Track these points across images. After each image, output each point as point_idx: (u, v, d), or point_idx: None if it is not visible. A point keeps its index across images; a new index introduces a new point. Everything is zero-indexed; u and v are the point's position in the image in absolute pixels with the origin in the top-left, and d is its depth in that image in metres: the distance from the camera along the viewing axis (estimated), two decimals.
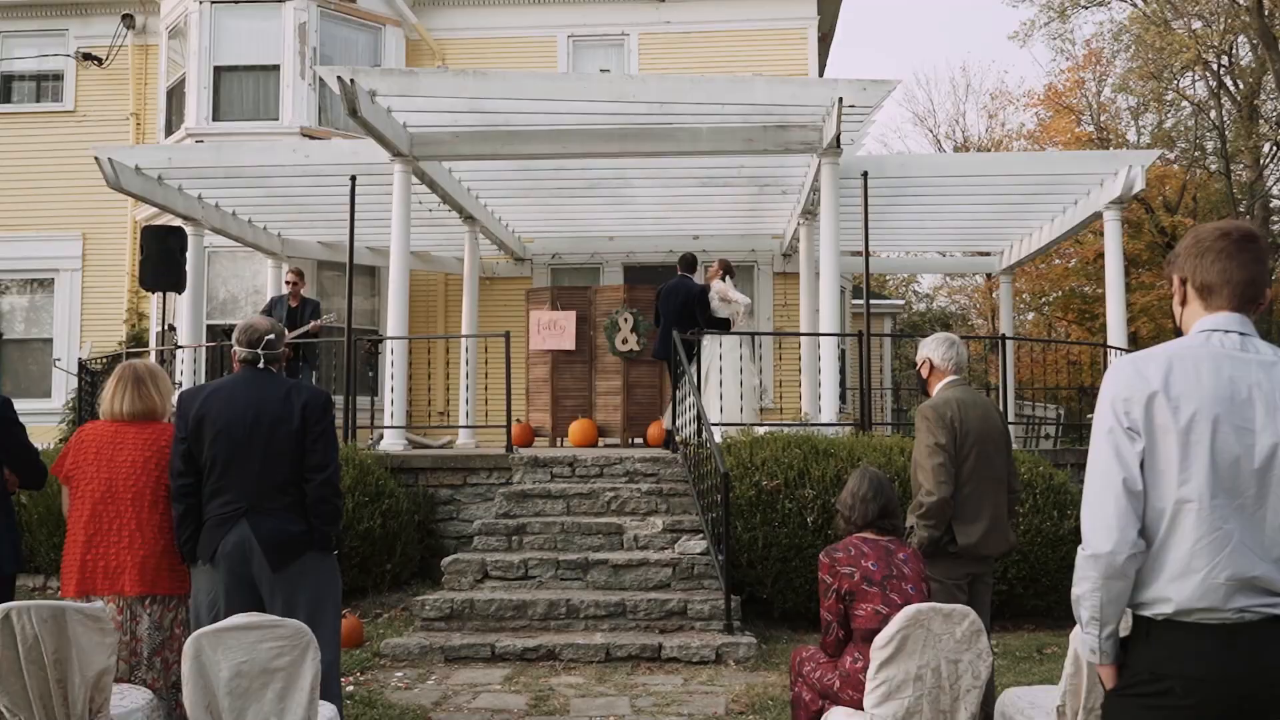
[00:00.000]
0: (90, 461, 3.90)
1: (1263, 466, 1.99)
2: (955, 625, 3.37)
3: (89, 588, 3.83)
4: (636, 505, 7.48)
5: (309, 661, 3.23)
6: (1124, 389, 2.07)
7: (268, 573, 3.88)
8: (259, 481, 3.92)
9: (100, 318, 14.57)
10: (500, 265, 14.21)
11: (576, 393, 11.19)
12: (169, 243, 10.24)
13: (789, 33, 14.53)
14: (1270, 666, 1.99)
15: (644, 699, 5.28)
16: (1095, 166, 10.65)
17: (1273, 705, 1.99)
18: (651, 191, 11.55)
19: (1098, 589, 2.06)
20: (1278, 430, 2.00)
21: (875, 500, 3.91)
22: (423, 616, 6.46)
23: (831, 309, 9.19)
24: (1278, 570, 2.00)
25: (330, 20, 13.62)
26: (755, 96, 8.67)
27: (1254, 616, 1.99)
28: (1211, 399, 2.01)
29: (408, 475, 8.27)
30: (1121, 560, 2.03)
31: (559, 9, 14.55)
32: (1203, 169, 25.85)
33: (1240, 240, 2.12)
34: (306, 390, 4.09)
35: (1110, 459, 2.05)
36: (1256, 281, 2.11)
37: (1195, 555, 1.99)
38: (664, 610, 6.35)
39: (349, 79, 8.14)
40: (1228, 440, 1.99)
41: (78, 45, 14.80)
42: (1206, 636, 2.00)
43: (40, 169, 14.58)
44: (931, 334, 4.77)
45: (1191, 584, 2.00)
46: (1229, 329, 2.09)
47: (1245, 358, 2.05)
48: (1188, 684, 2.01)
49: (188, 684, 3.15)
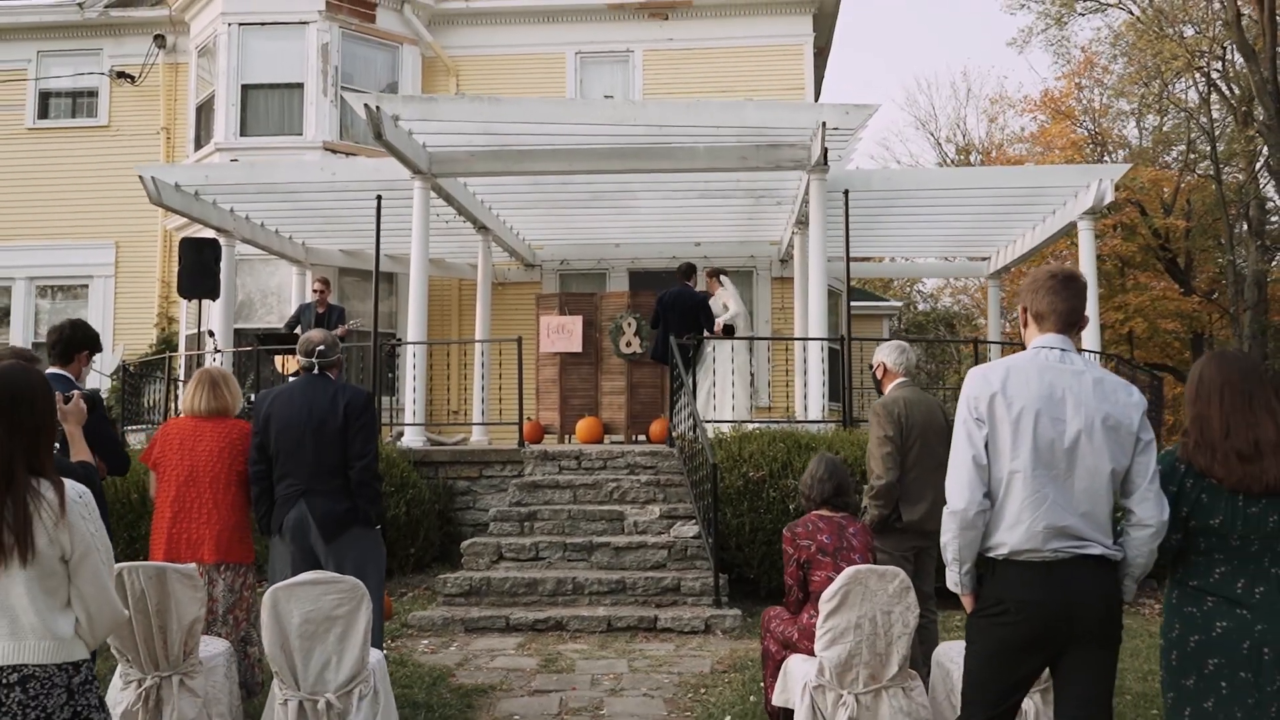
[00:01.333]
0: (174, 451, 4.68)
1: (1070, 447, 2.74)
2: (888, 583, 4.12)
3: (174, 555, 4.59)
4: (636, 494, 8.24)
5: (363, 611, 4.00)
6: (974, 390, 2.82)
7: (322, 543, 4.67)
8: (313, 468, 4.70)
9: (132, 321, 15.37)
10: (511, 271, 14.96)
11: (583, 392, 11.92)
12: (204, 253, 11.04)
13: (786, 49, 15.23)
14: (1075, 591, 2.74)
15: (640, 661, 6.04)
16: (1069, 179, 11.35)
17: (1076, 619, 2.74)
18: (654, 202, 12.29)
19: (956, 537, 2.82)
20: (1081, 421, 2.74)
21: (830, 480, 4.66)
22: (444, 593, 7.24)
23: (818, 314, 9.93)
24: (1082, 522, 2.74)
25: (351, 40, 14.40)
26: (746, 119, 9.41)
27: (1065, 555, 2.74)
28: (1035, 398, 2.76)
29: (428, 468, 9.05)
30: (972, 515, 2.78)
31: (567, 27, 15.29)
32: (1196, 174, 26.42)
33: (1064, 280, 2.87)
34: (350, 391, 4.86)
35: (964, 441, 2.80)
36: (1075, 311, 2.86)
37: (1022, 511, 2.74)
38: (660, 587, 7.11)
39: (375, 106, 8.91)
40: (1046, 428, 2.74)
41: (112, 64, 15.61)
42: (1031, 571, 2.76)
43: (76, 181, 15.41)
44: (894, 339, 5.49)
45: (1020, 532, 2.75)
46: (1052, 346, 2.84)
47: (1062, 368, 2.80)
48: (1019, 605, 2.77)
49: (266, 629, 3.93)
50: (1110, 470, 2.74)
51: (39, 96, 15.91)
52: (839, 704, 4.11)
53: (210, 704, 4.16)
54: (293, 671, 3.95)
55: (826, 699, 4.15)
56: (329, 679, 3.96)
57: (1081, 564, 2.74)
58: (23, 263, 15.50)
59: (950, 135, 35.10)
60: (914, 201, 11.73)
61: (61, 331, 4.52)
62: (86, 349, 4.62)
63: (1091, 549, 2.74)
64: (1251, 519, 2.78)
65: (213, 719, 4.16)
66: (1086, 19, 30.21)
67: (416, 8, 14.72)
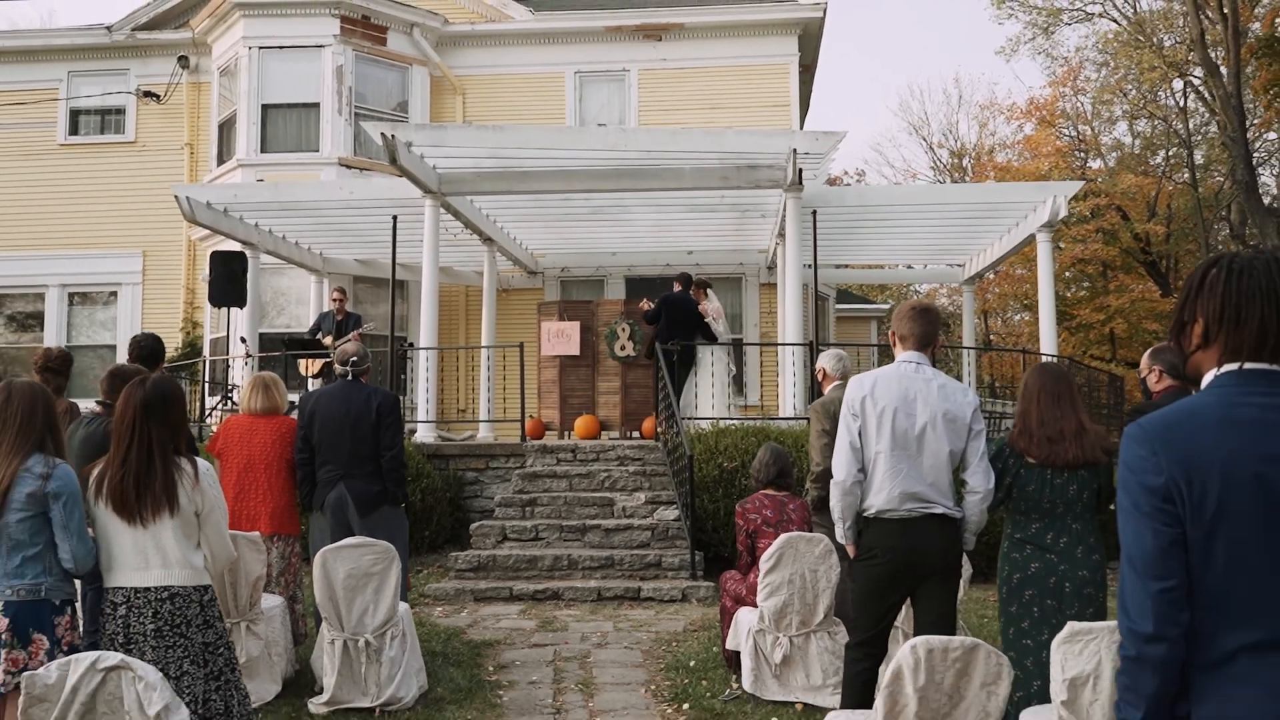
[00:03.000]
0: (236, 443, 5.69)
1: (919, 434, 3.73)
2: (814, 547, 5.12)
3: (236, 529, 5.59)
4: (625, 483, 9.24)
5: (394, 570, 5.01)
6: (851, 393, 3.81)
7: (357, 519, 5.67)
8: (350, 456, 5.70)
9: (159, 326, 16.25)
10: (515, 278, 15.95)
11: (581, 392, 12.91)
12: (233, 265, 12.05)
13: (773, 67, 16.20)
14: (925, 540, 3.73)
15: (624, 623, 7.04)
16: (1027, 196, 12.33)
17: (926, 560, 3.74)
18: (647, 216, 13.27)
19: (839, 501, 3.81)
20: (928, 415, 3.74)
21: (774, 466, 5.66)
22: (456, 569, 8.24)
23: (795, 319, 10.90)
24: (929, 489, 3.74)
25: (364, 62, 15.41)
26: (726, 145, 10.40)
27: (917, 513, 3.74)
28: (894, 399, 3.75)
29: (440, 461, 10.05)
30: (849, 484, 3.78)
31: (566, 48, 16.28)
32: (1176, 182, 27.33)
33: (921, 311, 3.86)
34: (381, 394, 5.86)
35: (844, 431, 3.80)
36: (928, 335, 3.85)
37: (884, 481, 3.74)
38: (643, 563, 8.11)
39: (390, 135, 9.91)
40: (901, 420, 3.74)
41: (138, 83, 16.63)
42: (893, 525, 3.75)
43: (105, 194, 16.44)
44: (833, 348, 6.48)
45: (883, 496, 3.75)
46: (910, 361, 3.83)
47: (916, 376, 3.79)
48: (884, 552, 3.77)
49: (317, 582, 4.93)
50: (949, 451, 3.74)
51: (70, 114, 16.92)
52: (776, 644, 5.12)
53: (270, 645, 5.16)
54: (339, 617, 4.96)
55: (766, 640, 5.16)
56: (367, 623, 4.97)
57: (929, 520, 3.73)
58: (55, 271, 16.52)
59: (942, 140, 36.07)
60: (887, 215, 12.70)
61: (146, 344, 5.52)
62: (162, 358, 5.63)
63: (936, 509, 3.74)
64: (1056, 488, 3.79)
65: (272, 657, 5.16)
66: (1071, 29, 31.05)
67: (425, 31, 15.71)
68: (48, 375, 5.18)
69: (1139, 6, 26.84)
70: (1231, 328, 1.82)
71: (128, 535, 3.33)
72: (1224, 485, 1.72)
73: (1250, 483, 1.72)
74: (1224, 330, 1.83)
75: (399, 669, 5.00)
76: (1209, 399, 1.82)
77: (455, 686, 5.41)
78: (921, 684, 2.99)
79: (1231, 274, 1.83)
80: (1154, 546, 1.75)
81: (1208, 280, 1.86)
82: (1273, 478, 1.71)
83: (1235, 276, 1.83)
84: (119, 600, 3.34)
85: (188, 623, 3.37)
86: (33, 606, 3.28)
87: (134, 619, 3.32)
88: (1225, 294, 1.82)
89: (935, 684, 3.01)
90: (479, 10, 16.38)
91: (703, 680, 5.52)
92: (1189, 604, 1.74)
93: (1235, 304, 1.81)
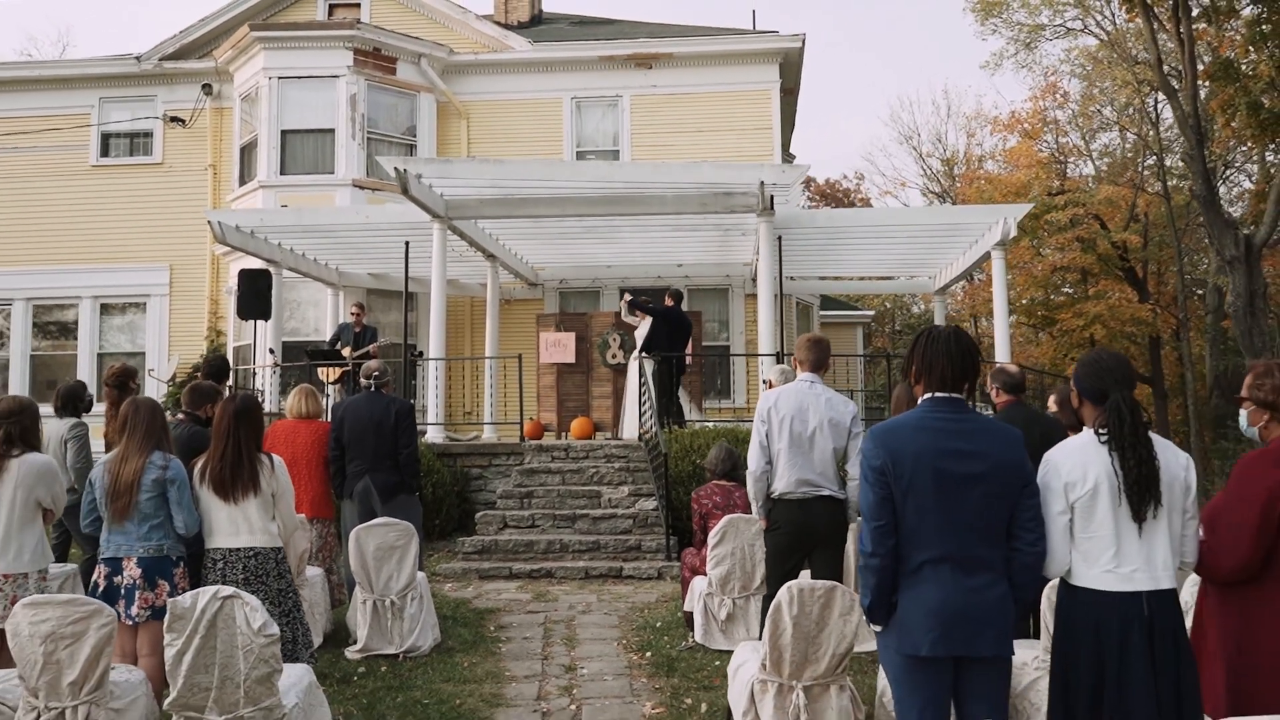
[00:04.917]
0: (282, 442, 6.92)
1: (810, 436, 4.94)
2: (750, 526, 6.33)
3: None
4: (611, 478, 10.46)
5: (413, 544, 6.24)
6: (763, 404, 5.03)
7: (380, 505, 6.89)
8: (374, 453, 6.92)
9: (185, 335, 17.63)
10: (517, 290, 17.18)
11: (577, 396, 14.14)
12: (259, 282, 13.29)
13: (756, 93, 17.41)
14: (815, 516, 4.94)
15: (606, 596, 8.26)
16: (981, 217, 13.54)
17: (816, 531, 4.95)
18: (637, 235, 14.47)
19: (753, 485, 5.03)
20: (816, 421, 4.94)
21: (726, 461, 6.88)
22: (462, 552, 9.47)
23: (768, 330, 12.10)
24: (819, 477, 4.95)
25: (375, 90, 16.64)
26: (703, 177, 11.62)
27: (810, 495, 4.95)
28: (792, 409, 4.96)
29: (448, 459, 11.28)
30: (760, 473, 4.99)
31: (563, 75, 17.51)
32: (1149, 192, 28.47)
33: (814, 341, 5.08)
34: (399, 402, 7.09)
35: (756, 432, 5.01)
36: (820, 360, 5.06)
37: (785, 469, 4.95)
38: (625, 546, 9.33)
39: (403, 169, 11.14)
40: (797, 425, 4.95)
41: (165, 109, 17.89)
42: (792, 504, 4.96)
43: (135, 211, 17.69)
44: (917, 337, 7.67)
45: (784, 481, 4.96)
46: (806, 379, 5.04)
47: (809, 392, 5.01)
48: (787, 524, 4.98)
49: (351, 554, 6.17)
50: (834, 448, 4.96)
51: (101, 138, 18.17)
52: (721, 605, 6.34)
53: (313, 605, 6.38)
54: (369, 582, 6.19)
55: (714, 602, 6.38)
56: (392, 586, 6.20)
57: (820, 500, 4.95)
58: (88, 283, 17.76)
59: (931, 150, 37.25)
60: (854, 235, 13.93)
61: (215, 363, 6.77)
62: (228, 373, 6.86)
63: (824, 492, 4.95)
64: None
65: (316, 616, 6.39)
66: (1051, 44, 32.21)
67: (432, 61, 16.95)
68: (120, 391, 6.38)
69: (1117, 23, 28.01)
70: (926, 372, 3.04)
71: (223, 510, 4.57)
72: (914, 466, 2.94)
73: (930, 465, 2.93)
74: (924, 374, 3.05)
75: (418, 624, 6.23)
76: (914, 414, 3.04)
77: (463, 640, 6.65)
78: (795, 614, 4.19)
79: (929, 341, 3.06)
80: (874, 500, 2.97)
81: (918, 343, 3.08)
82: (942, 463, 2.93)
83: (930, 342, 3.05)
84: (217, 558, 4.58)
85: (266, 574, 4.59)
86: (157, 561, 4.50)
87: (228, 570, 4.55)
88: (923, 353, 3.05)
89: (805, 614, 4.21)
90: (482, 41, 17.63)
91: (665, 636, 6.74)
92: (894, 535, 2.96)
93: (928, 359, 3.03)
